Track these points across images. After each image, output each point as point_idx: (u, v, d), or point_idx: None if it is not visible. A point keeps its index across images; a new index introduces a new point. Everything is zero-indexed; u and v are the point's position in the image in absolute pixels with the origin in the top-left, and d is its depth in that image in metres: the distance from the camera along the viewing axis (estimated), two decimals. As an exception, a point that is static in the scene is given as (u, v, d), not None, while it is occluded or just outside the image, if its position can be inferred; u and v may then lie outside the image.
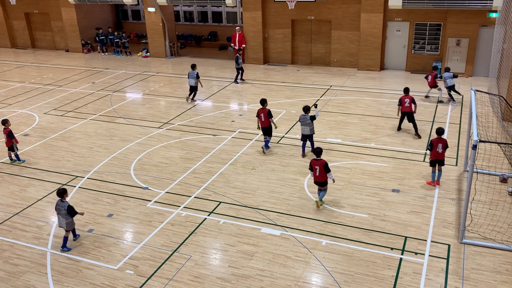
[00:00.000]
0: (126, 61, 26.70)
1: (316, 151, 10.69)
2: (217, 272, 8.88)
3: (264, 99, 13.93)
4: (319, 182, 10.71)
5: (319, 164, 10.51)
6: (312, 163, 10.62)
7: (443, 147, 11.25)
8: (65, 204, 9.54)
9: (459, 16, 20.37)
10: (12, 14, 30.68)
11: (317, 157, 10.63)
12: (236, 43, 24.36)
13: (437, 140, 11.25)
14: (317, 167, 10.51)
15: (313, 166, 10.58)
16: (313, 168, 10.60)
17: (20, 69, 25.59)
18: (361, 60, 22.74)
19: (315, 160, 10.61)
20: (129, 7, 31.82)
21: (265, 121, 13.59)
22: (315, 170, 10.54)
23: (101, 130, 16.14)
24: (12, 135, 13.53)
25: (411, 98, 14.51)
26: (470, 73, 21.08)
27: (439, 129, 11.33)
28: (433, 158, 11.35)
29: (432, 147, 11.24)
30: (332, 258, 9.12)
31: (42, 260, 9.42)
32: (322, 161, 10.52)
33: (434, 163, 11.42)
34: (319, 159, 10.58)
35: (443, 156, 11.34)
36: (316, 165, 10.54)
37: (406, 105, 14.45)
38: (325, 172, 10.50)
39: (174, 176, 12.61)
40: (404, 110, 14.56)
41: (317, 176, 10.61)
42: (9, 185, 12.52)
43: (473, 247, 9.27)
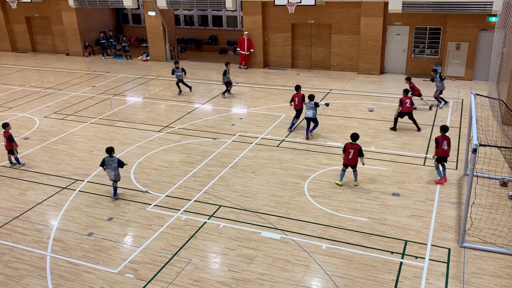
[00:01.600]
0: (127, 64, 26.74)
1: (353, 136, 11.65)
2: (217, 276, 8.86)
3: (298, 85, 15.97)
4: (351, 164, 11.76)
5: (354, 148, 11.55)
6: (348, 146, 11.61)
7: (448, 144, 11.60)
8: (115, 159, 11.54)
9: (458, 20, 20.42)
10: (13, 18, 30.74)
11: (353, 141, 11.61)
12: (245, 48, 24.28)
13: (442, 137, 11.58)
14: (352, 151, 11.54)
15: (348, 149, 11.58)
16: (346, 151, 11.60)
17: (21, 72, 25.62)
18: (361, 64, 22.77)
19: (351, 144, 11.59)
20: (130, 11, 31.88)
21: (298, 104, 15.51)
22: (349, 153, 11.56)
23: (101, 133, 16.15)
24: (12, 139, 13.54)
25: (411, 98, 15.33)
26: (470, 77, 21.11)
27: (444, 126, 11.64)
28: (440, 155, 11.65)
29: (438, 144, 11.54)
30: (332, 262, 9.10)
31: (41, 263, 9.40)
32: (358, 146, 11.57)
33: (440, 159, 11.73)
34: (355, 144, 11.58)
35: (448, 152, 11.70)
36: (351, 148, 11.56)
37: (407, 105, 15.08)
38: (358, 156, 11.57)
39: (174, 180, 12.61)
40: (405, 110, 15.17)
41: (350, 159, 11.64)
42: (9, 189, 12.51)
43: (474, 251, 9.26)
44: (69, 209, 11.39)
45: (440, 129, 11.67)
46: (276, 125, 16.30)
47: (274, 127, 16.08)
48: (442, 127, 11.66)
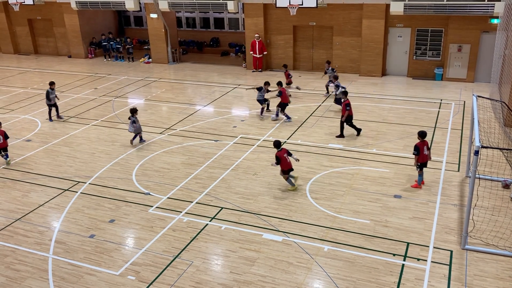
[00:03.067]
0: (128, 67, 26.79)
1: (421, 134, 11.45)
2: (219, 278, 8.86)
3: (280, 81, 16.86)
4: (290, 170, 11.79)
5: (284, 152, 11.74)
6: (282, 151, 11.73)
7: (428, 149, 11.58)
8: None
9: (460, 22, 20.41)
10: (15, 20, 30.85)
11: (278, 148, 11.81)
12: (256, 51, 24.20)
13: (421, 143, 11.47)
14: (285, 155, 11.67)
15: (283, 154, 11.69)
16: (282, 158, 11.64)
17: (23, 75, 25.69)
18: (362, 66, 22.77)
19: (280, 150, 11.76)
20: (132, 13, 31.97)
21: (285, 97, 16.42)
22: (285, 158, 11.64)
23: (103, 135, 16.17)
24: (7, 136, 13.90)
25: None
26: (472, 79, 21.10)
27: (422, 132, 11.56)
28: (422, 161, 11.57)
29: (419, 150, 11.41)
30: (334, 264, 9.09)
31: (43, 265, 9.41)
32: (285, 150, 11.84)
33: (422, 166, 11.66)
34: (282, 149, 11.80)
35: (429, 157, 11.67)
36: (283, 154, 11.70)
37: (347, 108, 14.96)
38: (288, 156, 11.83)
39: (176, 182, 12.61)
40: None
41: (289, 163, 11.74)
42: (11, 191, 12.53)
43: (476, 253, 9.24)
44: (71, 211, 11.40)
45: (419, 135, 11.55)
46: (278, 127, 16.30)
47: (276, 129, 16.09)
48: (420, 133, 11.53)
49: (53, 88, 17.63)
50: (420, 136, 11.52)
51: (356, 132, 15.25)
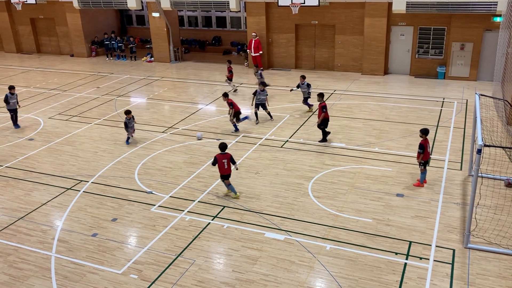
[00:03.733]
0: (131, 65, 26.81)
1: (221, 146, 11.36)
2: (221, 276, 8.87)
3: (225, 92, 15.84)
4: (226, 175, 11.43)
5: (226, 157, 11.31)
6: (219, 157, 11.25)
7: (429, 146, 11.70)
8: None
9: (463, 20, 20.35)
10: (18, 20, 30.90)
11: (222, 151, 11.36)
12: (251, 49, 24.22)
13: (425, 141, 11.51)
14: (225, 161, 11.26)
15: (220, 159, 11.24)
16: (219, 161, 11.23)
17: (25, 74, 25.74)
18: (365, 65, 22.74)
19: (221, 154, 11.32)
20: (134, 12, 31.98)
21: None
22: (223, 163, 11.24)
23: (106, 134, 16.20)
24: None
25: None
26: (474, 77, 21.04)
27: (426, 130, 11.59)
28: (427, 159, 11.61)
29: (425, 148, 11.44)
30: (336, 263, 9.09)
31: (46, 264, 9.44)
32: (229, 155, 11.38)
33: (426, 163, 11.70)
34: (225, 153, 11.36)
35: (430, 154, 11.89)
36: (223, 158, 11.26)
37: None
38: (231, 164, 11.43)
39: (178, 181, 12.63)
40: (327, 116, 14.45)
41: (226, 169, 11.34)
42: (13, 189, 12.57)
43: (478, 252, 9.22)
44: (74, 209, 11.43)
45: (422, 132, 11.55)
46: (280, 125, 16.29)
47: (278, 128, 16.08)
48: (423, 131, 11.55)
49: (13, 92, 16.72)
50: (423, 133, 11.52)
51: (321, 137, 14.64)
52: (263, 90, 16.53)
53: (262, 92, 16.53)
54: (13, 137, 16.10)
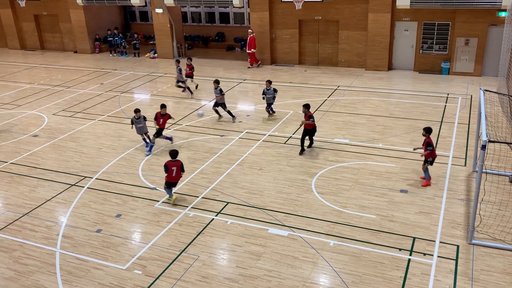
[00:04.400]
0: (134, 62, 26.82)
1: (172, 153, 11.02)
2: (225, 272, 8.89)
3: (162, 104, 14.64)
4: (173, 183, 11.21)
5: (176, 165, 11.01)
6: (169, 164, 10.94)
7: None
8: None
9: (467, 15, 20.23)
10: (22, 16, 30.95)
11: (173, 158, 10.97)
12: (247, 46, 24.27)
13: (430, 139, 11.47)
14: (174, 168, 10.95)
15: (170, 167, 10.93)
16: (169, 169, 10.93)
17: (29, 70, 25.80)
18: (368, 60, 22.66)
19: (171, 161, 10.96)
20: (137, 8, 31.97)
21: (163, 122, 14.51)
22: (172, 171, 10.93)
23: (110, 131, 16.23)
24: None
25: None
26: (479, 73, 20.94)
27: (429, 128, 11.51)
28: (435, 156, 11.49)
29: (433, 147, 11.39)
30: (340, 258, 9.09)
31: (51, 260, 9.48)
32: (179, 162, 11.07)
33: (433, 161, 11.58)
34: (175, 160, 11.01)
35: None
36: (173, 166, 10.96)
37: None
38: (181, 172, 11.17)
39: (182, 177, 12.63)
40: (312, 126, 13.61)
41: (173, 177, 11.06)
42: (18, 186, 12.63)
43: (482, 248, 9.20)
44: (78, 205, 11.47)
45: (426, 131, 11.46)
46: (283, 122, 16.28)
47: (281, 124, 16.07)
48: (427, 129, 11.47)
49: None
50: (427, 132, 11.44)
51: (300, 149, 13.64)
52: (269, 89, 16.40)
53: (268, 91, 16.38)
54: (18, 134, 16.16)
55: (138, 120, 14.30)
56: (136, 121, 14.30)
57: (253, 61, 24.31)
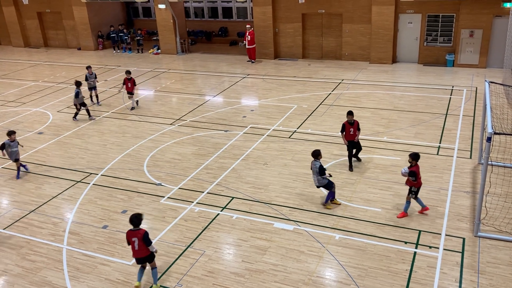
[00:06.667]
0: (138, 58, 26.83)
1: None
2: (231, 267, 8.92)
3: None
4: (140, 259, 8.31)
5: (137, 235, 8.09)
6: (128, 233, 8.16)
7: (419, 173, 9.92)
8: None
9: (472, 6, 20.07)
10: (25, 14, 31.00)
11: (134, 228, 8.13)
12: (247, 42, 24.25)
13: (417, 167, 9.85)
14: (135, 239, 8.08)
15: (130, 237, 8.14)
16: (128, 240, 8.21)
17: (34, 68, 25.87)
18: (372, 53, 22.56)
19: (132, 230, 8.14)
20: (140, 4, 31.92)
21: None
22: (133, 242, 8.11)
23: (114, 127, 16.27)
24: None
25: None
26: (484, 65, 20.79)
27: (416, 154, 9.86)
28: (419, 186, 9.93)
29: (417, 176, 9.74)
30: (345, 252, 9.10)
31: (58, 256, 9.55)
32: (143, 230, 8.13)
33: (418, 191, 10.00)
34: (137, 229, 8.13)
35: None
36: (134, 236, 8.08)
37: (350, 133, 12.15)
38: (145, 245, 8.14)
39: (187, 172, 12.67)
40: None
41: (137, 251, 8.20)
42: (24, 183, 12.70)
43: (489, 240, 9.18)
44: (84, 202, 11.53)
45: (412, 158, 9.81)
46: (288, 116, 16.26)
47: (286, 118, 16.05)
48: (414, 156, 9.79)
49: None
50: (413, 159, 9.81)
51: None
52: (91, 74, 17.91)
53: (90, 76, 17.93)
54: (23, 131, 16.22)
55: (13, 144, 12.66)
56: (9, 144, 12.61)
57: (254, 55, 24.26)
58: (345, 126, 12.08)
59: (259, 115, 16.58)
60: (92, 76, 18.28)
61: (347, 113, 12.18)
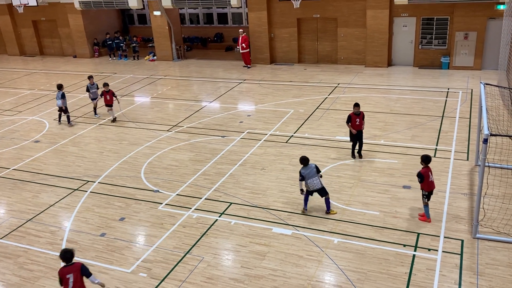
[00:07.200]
0: (134, 65, 26.85)
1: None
2: (230, 273, 8.89)
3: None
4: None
5: (72, 271, 7.28)
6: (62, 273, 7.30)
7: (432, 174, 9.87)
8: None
9: (466, 9, 20.20)
10: (20, 22, 31.01)
11: (67, 263, 7.32)
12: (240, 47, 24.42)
13: (427, 169, 9.79)
14: (70, 276, 7.25)
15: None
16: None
17: (29, 76, 25.84)
18: (368, 57, 22.64)
19: (66, 267, 7.32)
20: (135, 12, 31.98)
21: None
22: (67, 280, 7.27)
23: (111, 134, 16.24)
24: None
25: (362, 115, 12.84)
26: (479, 67, 20.90)
27: (427, 157, 9.78)
28: (429, 190, 9.80)
29: (423, 178, 9.67)
30: (344, 256, 9.08)
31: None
32: (77, 265, 7.35)
33: (430, 194, 9.89)
34: (70, 264, 7.33)
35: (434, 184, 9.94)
36: (68, 273, 7.26)
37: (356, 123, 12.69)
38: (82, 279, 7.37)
39: (184, 178, 12.65)
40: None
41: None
42: (21, 192, 12.64)
43: (487, 241, 9.18)
44: (81, 210, 11.48)
45: (421, 159, 9.80)
46: (285, 121, 16.27)
47: (283, 123, 16.06)
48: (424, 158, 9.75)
49: None
50: (423, 161, 9.78)
51: None
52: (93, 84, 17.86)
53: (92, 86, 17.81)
54: (19, 140, 16.18)
55: None
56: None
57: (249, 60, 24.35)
58: (351, 117, 12.70)
59: (256, 120, 16.59)
60: (94, 87, 18.05)
61: (354, 104, 12.79)
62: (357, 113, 12.64)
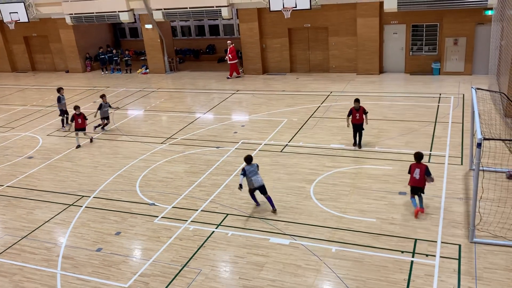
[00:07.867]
0: (126, 78, 26.85)
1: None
2: (228, 284, 8.83)
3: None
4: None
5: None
6: (412, 166, 10.29)
7: (421, 173, 10.21)
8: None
9: (455, 15, 20.45)
10: (11, 39, 30.97)
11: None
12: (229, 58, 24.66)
13: (415, 165, 10.33)
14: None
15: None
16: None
17: (21, 92, 25.76)
18: (359, 65, 22.80)
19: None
20: (127, 25, 32.06)
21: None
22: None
23: (105, 148, 16.18)
24: None
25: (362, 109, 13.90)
26: (469, 72, 21.11)
27: (418, 154, 10.39)
28: (412, 184, 10.41)
29: (409, 171, 10.43)
30: (343, 264, 9.06)
31: (52, 282, 9.39)
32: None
33: (414, 190, 10.43)
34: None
35: (421, 183, 10.32)
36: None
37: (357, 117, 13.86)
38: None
39: (180, 191, 12.61)
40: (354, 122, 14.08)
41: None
42: (15, 209, 12.53)
43: (484, 245, 9.20)
44: (77, 225, 11.39)
45: (414, 156, 10.45)
46: (279, 130, 16.30)
47: (277, 133, 16.09)
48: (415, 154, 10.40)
49: None
50: (414, 157, 10.42)
51: None
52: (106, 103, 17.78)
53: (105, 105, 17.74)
54: (13, 156, 16.08)
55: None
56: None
57: (233, 71, 24.55)
58: (352, 111, 13.95)
59: (250, 130, 16.61)
60: (106, 105, 17.69)
61: (354, 100, 13.97)
62: (357, 108, 13.80)
